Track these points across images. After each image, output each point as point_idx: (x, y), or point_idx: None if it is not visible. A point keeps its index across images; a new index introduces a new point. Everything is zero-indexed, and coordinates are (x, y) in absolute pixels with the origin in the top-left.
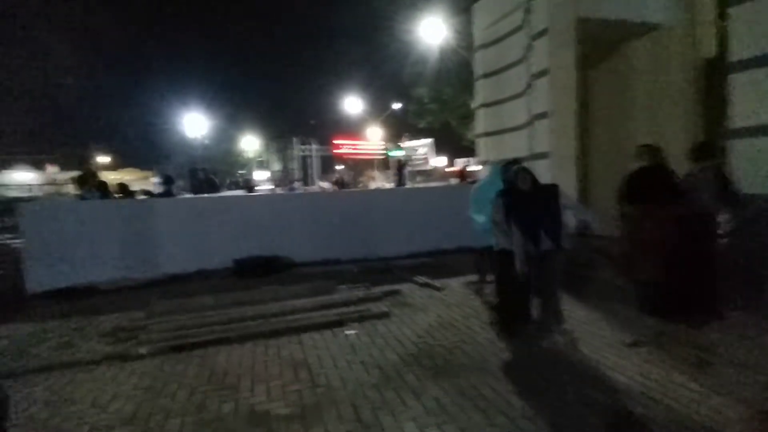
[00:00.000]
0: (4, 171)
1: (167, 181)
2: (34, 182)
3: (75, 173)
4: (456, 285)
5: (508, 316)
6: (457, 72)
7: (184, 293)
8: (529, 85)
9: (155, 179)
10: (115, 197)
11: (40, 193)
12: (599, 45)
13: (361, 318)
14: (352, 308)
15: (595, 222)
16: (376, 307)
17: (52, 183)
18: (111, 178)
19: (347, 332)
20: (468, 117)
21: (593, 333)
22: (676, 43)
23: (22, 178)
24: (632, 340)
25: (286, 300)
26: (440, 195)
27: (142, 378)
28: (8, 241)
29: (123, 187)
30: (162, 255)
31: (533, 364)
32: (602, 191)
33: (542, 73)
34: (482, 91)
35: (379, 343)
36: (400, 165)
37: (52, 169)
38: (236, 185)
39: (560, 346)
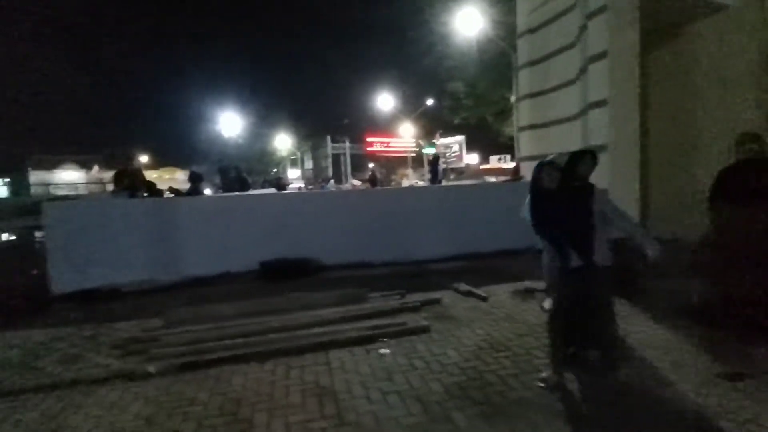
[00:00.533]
0: (54, 171)
1: (194, 179)
2: (81, 181)
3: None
4: (503, 294)
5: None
6: (495, 65)
7: (206, 298)
8: (582, 71)
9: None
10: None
11: (86, 192)
12: (660, 26)
13: (398, 333)
14: (386, 320)
15: (654, 248)
16: (413, 320)
17: (98, 182)
18: (153, 177)
19: (381, 351)
20: (505, 112)
21: (677, 362)
22: (746, 25)
23: (70, 177)
24: (731, 372)
25: (314, 309)
26: (478, 194)
27: (146, 404)
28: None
29: (150, 186)
30: (186, 256)
31: (608, 403)
32: (663, 193)
33: (599, 56)
34: (526, 81)
35: (419, 368)
36: (435, 160)
37: (96, 169)
38: (270, 184)
39: (638, 379)
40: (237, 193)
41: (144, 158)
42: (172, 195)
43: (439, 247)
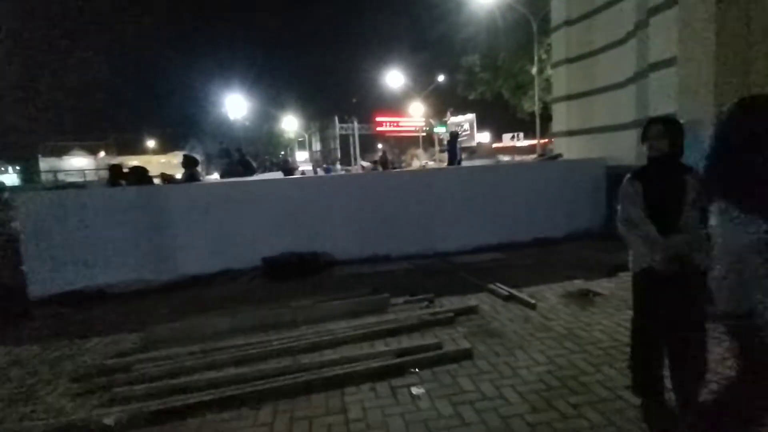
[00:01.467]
0: (64, 157)
1: (188, 163)
2: (89, 167)
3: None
4: (552, 298)
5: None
6: (514, 34)
7: (200, 302)
8: (639, 26)
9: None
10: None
11: (94, 179)
12: None
13: (433, 362)
14: (415, 339)
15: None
16: (449, 338)
17: (105, 168)
18: (162, 161)
19: (414, 391)
20: (524, 86)
21: None
22: None
23: (79, 164)
24: None
25: (324, 321)
26: (510, 175)
27: None
28: None
29: (138, 172)
30: (180, 252)
31: None
32: None
33: (665, 6)
34: (562, 44)
35: (469, 421)
36: (453, 139)
37: (102, 154)
38: (277, 167)
39: None
40: (239, 178)
41: (151, 143)
42: (164, 182)
43: (466, 237)
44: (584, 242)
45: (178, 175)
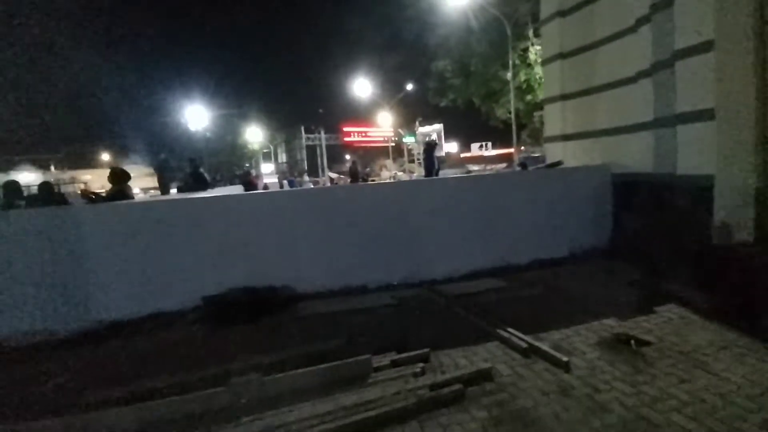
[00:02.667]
0: (11, 172)
1: (117, 178)
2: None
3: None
4: (585, 348)
5: None
6: (487, 37)
7: (114, 362)
8: (657, 8)
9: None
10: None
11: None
12: None
13: None
14: None
15: None
16: (462, 429)
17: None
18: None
19: None
20: (497, 92)
21: None
22: None
23: (27, 179)
24: None
25: (278, 407)
26: (504, 186)
27: None
28: None
29: (44, 189)
30: (97, 292)
31: None
32: None
33: None
34: (554, 38)
35: None
36: (429, 148)
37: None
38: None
39: None
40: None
41: (105, 156)
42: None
43: (458, 261)
44: (593, 263)
45: (136, 190)
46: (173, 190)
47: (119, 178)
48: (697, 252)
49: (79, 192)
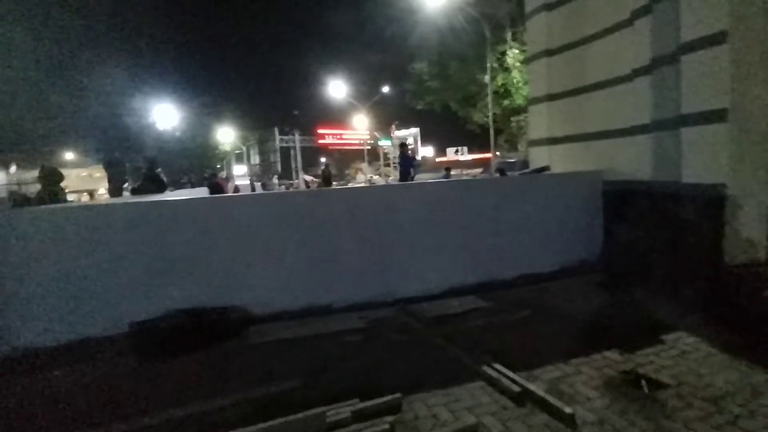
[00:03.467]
0: None
1: (47, 178)
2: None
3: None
4: (589, 391)
5: None
6: (466, 39)
7: (13, 412)
8: None
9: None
10: None
11: (2, 194)
12: None
13: None
14: None
15: None
16: None
17: (18, 183)
18: (83, 175)
19: None
20: (475, 96)
21: None
22: None
23: None
24: None
25: None
26: (487, 194)
27: None
28: None
29: None
30: (11, 315)
31: None
32: None
33: None
34: (542, 32)
35: None
36: (405, 151)
37: (14, 168)
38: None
39: None
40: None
41: (69, 155)
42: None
43: (436, 276)
44: (583, 279)
45: (102, 190)
46: (127, 193)
47: (49, 178)
48: (705, 271)
49: (7, 195)
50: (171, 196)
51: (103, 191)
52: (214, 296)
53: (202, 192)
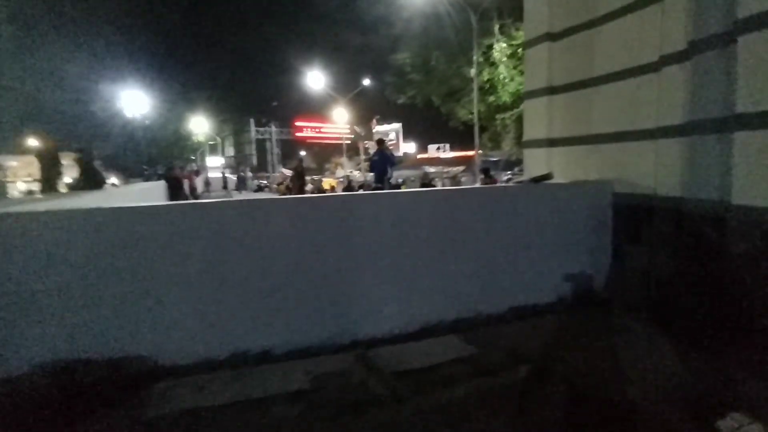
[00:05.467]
0: None
1: None
2: None
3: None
4: None
5: None
6: (452, 27)
7: None
8: None
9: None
10: None
11: None
12: None
13: None
14: None
15: None
16: None
17: None
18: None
19: None
20: (459, 91)
21: None
22: None
23: None
24: None
25: None
26: (473, 206)
27: None
28: None
29: None
30: None
31: None
32: None
33: None
34: (543, 13)
35: None
36: (383, 148)
37: None
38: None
39: None
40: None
41: (33, 141)
42: None
43: (407, 309)
44: (591, 315)
45: (68, 179)
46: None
47: None
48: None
49: None
50: (111, 192)
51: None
52: (107, 342)
53: (158, 186)
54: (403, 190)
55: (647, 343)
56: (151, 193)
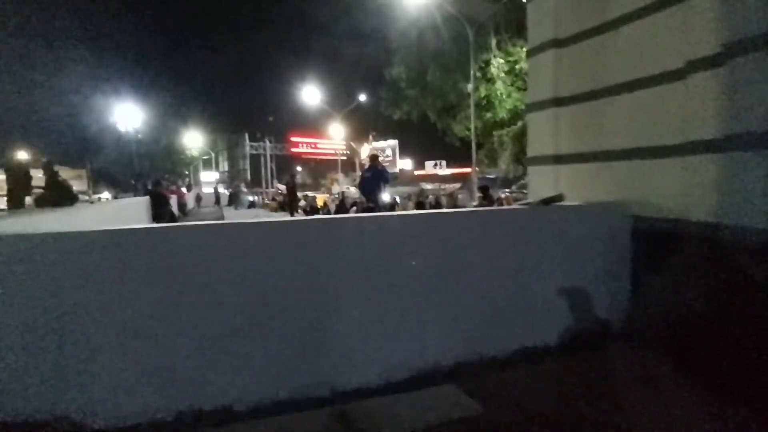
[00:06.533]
0: None
1: None
2: None
3: None
4: None
5: None
6: (448, 42)
7: None
8: None
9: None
10: None
11: None
12: None
13: None
14: None
15: None
16: None
17: None
18: (39, 176)
19: None
20: (455, 107)
21: None
22: None
23: None
24: None
25: None
26: (474, 232)
27: None
28: None
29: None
30: None
31: None
32: None
33: None
34: (549, 16)
35: None
36: (376, 164)
37: None
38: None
39: None
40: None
41: (22, 155)
42: None
43: (400, 352)
44: (609, 355)
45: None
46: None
47: None
48: None
49: None
50: (80, 209)
51: None
52: (24, 403)
53: (140, 203)
54: (396, 213)
55: (677, 392)
56: (127, 212)
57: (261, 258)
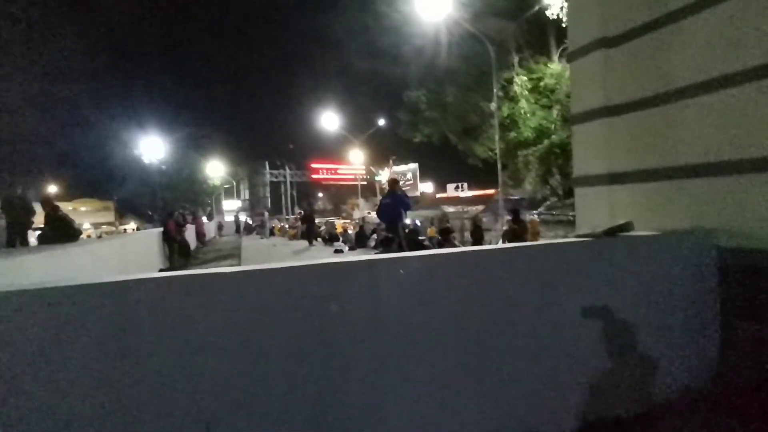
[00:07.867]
0: None
1: None
2: None
3: None
4: None
5: None
6: (466, 61)
7: None
8: None
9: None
10: None
11: None
12: None
13: None
14: None
15: None
16: None
17: None
18: (69, 209)
19: None
20: (477, 128)
21: None
22: None
23: None
24: None
25: None
26: (521, 275)
27: None
28: None
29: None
30: None
31: None
32: None
33: None
34: (593, 15)
35: None
36: (396, 188)
37: None
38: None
39: None
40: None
41: (53, 188)
42: None
43: (419, 427)
44: (694, 427)
45: (87, 225)
46: (33, 239)
47: None
48: None
49: None
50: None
51: (87, 225)
52: None
53: (155, 236)
54: (418, 253)
55: None
56: (135, 246)
57: (255, 309)
